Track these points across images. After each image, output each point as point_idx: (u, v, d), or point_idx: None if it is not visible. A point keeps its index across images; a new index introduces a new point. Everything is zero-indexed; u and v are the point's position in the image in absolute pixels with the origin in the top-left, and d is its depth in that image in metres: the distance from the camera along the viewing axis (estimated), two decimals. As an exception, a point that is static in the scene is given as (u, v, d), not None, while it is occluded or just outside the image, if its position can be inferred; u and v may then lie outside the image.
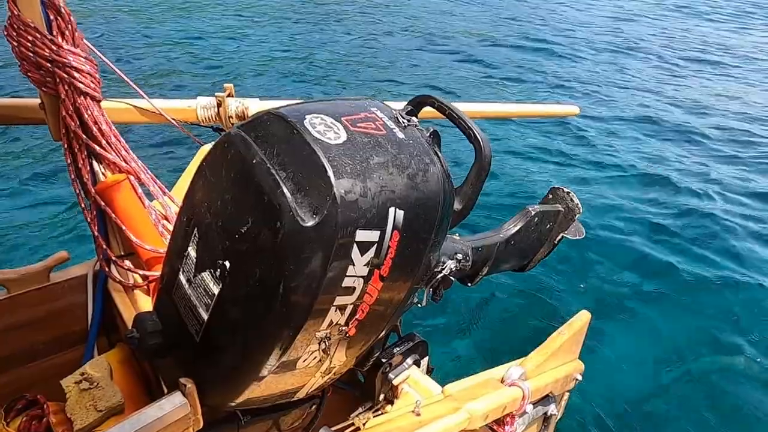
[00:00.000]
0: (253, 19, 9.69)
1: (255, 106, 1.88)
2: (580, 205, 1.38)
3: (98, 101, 1.33)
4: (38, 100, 1.36)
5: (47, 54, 1.22)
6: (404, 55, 8.18)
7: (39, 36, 1.21)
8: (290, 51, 8.09)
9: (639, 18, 11.43)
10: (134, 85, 1.68)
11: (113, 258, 1.41)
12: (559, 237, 1.38)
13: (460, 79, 7.29)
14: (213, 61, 7.52)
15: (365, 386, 1.22)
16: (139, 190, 1.41)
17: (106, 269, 1.42)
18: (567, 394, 1.54)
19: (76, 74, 1.26)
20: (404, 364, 1.24)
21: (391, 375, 1.20)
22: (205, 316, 0.80)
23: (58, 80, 1.26)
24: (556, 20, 10.57)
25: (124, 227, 1.32)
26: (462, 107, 0.96)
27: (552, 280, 3.55)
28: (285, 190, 0.70)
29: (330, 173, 0.70)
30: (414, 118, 0.86)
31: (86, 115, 1.31)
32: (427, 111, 0.96)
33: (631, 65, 8.19)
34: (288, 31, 9.14)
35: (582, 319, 1.43)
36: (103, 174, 1.38)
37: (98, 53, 1.40)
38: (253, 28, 9.14)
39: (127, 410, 1.11)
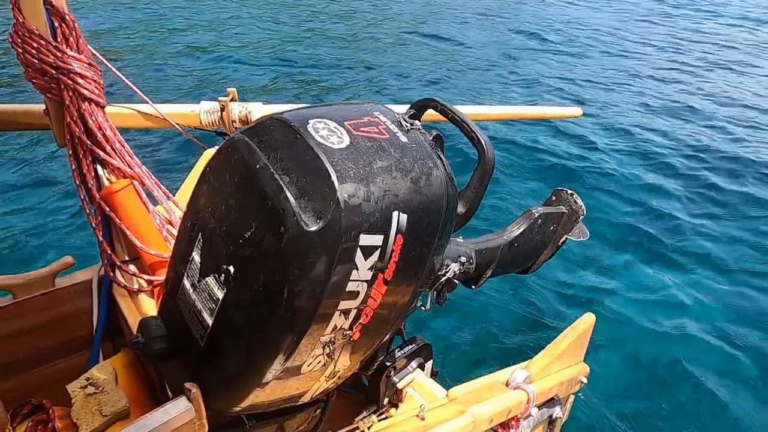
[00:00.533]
0: (256, 24, 9.72)
1: (258, 110, 1.88)
2: (583, 207, 1.37)
3: (102, 107, 1.34)
4: (43, 106, 1.37)
5: (52, 61, 1.23)
6: (407, 59, 8.19)
7: (44, 43, 1.22)
8: (294, 56, 8.11)
9: (644, 18, 11.41)
10: (138, 90, 1.69)
11: (118, 263, 1.41)
12: (563, 239, 1.38)
13: (462, 81, 7.29)
14: (216, 65, 7.55)
15: (369, 390, 1.22)
16: (144, 195, 1.41)
17: (111, 274, 1.43)
18: (572, 396, 1.53)
19: (80, 80, 1.26)
20: (408, 367, 1.24)
21: (395, 379, 1.20)
22: (210, 321, 0.81)
23: (62, 86, 1.27)
24: (560, 22, 10.57)
25: (128, 232, 1.33)
26: (465, 110, 0.96)
27: (556, 282, 3.54)
28: (288, 195, 0.70)
29: (333, 178, 0.70)
30: (417, 122, 0.86)
31: (90, 121, 1.31)
32: (430, 114, 0.96)
33: (636, 66, 8.17)
34: (291, 35, 9.17)
35: (587, 321, 1.43)
36: (107, 179, 1.39)
37: (102, 59, 1.41)
38: (256, 33, 9.17)
39: (132, 415, 1.11)
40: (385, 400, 1.22)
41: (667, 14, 12.05)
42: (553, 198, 1.41)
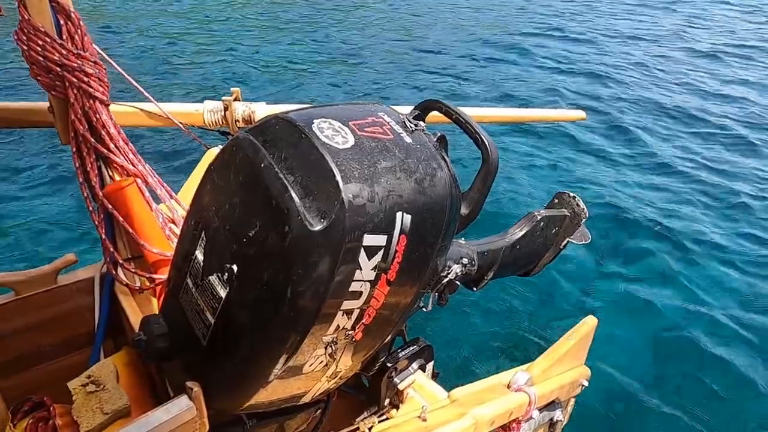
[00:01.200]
0: (260, 24, 9.74)
1: (262, 110, 1.88)
2: (586, 210, 1.37)
3: (107, 105, 1.34)
4: (47, 104, 1.38)
5: (57, 58, 1.23)
6: (411, 60, 8.19)
7: (49, 40, 1.22)
8: (297, 55, 8.12)
9: (647, 16, 11.35)
10: (142, 89, 1.70)
11: (120, 261, 1.41)
12: (565, 242, 1.38)
13: (466, 83, 7.29)
14: (220, 64, 7.56)
15: (370, 391, 1.22)
16: (147, 194, 1.41)
17: (113, 272, 1.43)
18: (573, 399, 1.53)
19: (85, 78, 1.27)
20: (410, 368, 1.23)
21: (396, 379, 1.20)
22: (212, 320, 0.81)
23: (67, 84, 1.27)
24: (562, 24, 10.56)
25: (131, 230, 1.33)
26: (469, 112, 0.96)
27: (558, 285, 3.53)
28: (293, 195, 0.70)
29: (338, 178, 0.70)
30: (421, 123, 0.86)
31: (95, 119, 1.32)
32: (435, 115, 0.96)
33: (639, 64, 8.14)
34: (294, 35, 9.19)
35: (588, 324, 1.43)
36: (110, 177, 1.39)
37: (107, 57, 1.41)
38: (260, 33, 9.19)
39: (133, 413, 1.11)
40: (386, 401, 1.22)
41: (673, 7, 11.95)
42: (556, 201, 1.41)
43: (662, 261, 3.85)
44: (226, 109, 1.87)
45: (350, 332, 0.80)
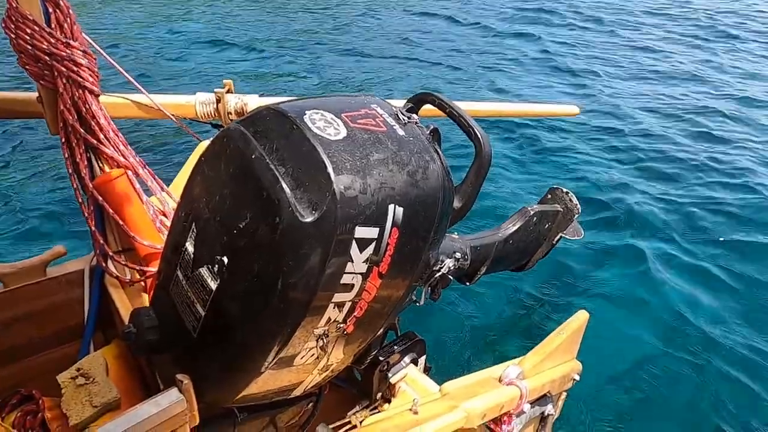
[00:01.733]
0: (253, 16, 9.67)
1: (254, 102, 1.87)
2: (578, 206, 1.38)
3: (96, 95, 1.33)
4: (36, 94, 1.36)
5: (45, 47, 1.22)
6: (405, 53, 8.17)
7: (37, 29, 1.20)
8: (291, 48, 8.08)
9: (643, 10, 11.33)
10: (133, 80, 1.68)
11: (110, 253, 1.40)
12: (558, 237, 1.39)
13: (460, 77, 7.28)
14: (213, 56, 7.51)
15: (362, 384, 1.22)
16: (137, 186, 1.40)
17: (103, 264, 1.42)
18: (564, 393, 1.54)
19: (74, 68, 1.25)
20: (402, 362, 1.24)
21: (388, 373, 1.20)
22: (203, 312, 0.80)
23: (56, 73, 1.25)
24: (558, 19, 10.55)
25: (121, 222, 1.32)
26: (462, 105, 0.96)
27: (550, 279, 3.55)
28: (284, 186, 0.69)
29: (330, 169, 0.70)
30: (414, 116, 0.85)
31: (84, 109, 1.30)
32: (428, 109, 0.96)
33: (634, 61, 8.15)
34: (288, 28, 9.13)
35: (580, 318, 1.43)
36: (100, 169, 1.38)
37: (97, 47, 1.40)
38: (254, 25, 9.13)
39: (123, 406, 1.10)
40: (378, 395, 1.22)
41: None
42: (549, 196, 1.42)
43: (656, 256, 3.88)
44: (218, 101, 1.86)
45: (342, 325, 0.79)
